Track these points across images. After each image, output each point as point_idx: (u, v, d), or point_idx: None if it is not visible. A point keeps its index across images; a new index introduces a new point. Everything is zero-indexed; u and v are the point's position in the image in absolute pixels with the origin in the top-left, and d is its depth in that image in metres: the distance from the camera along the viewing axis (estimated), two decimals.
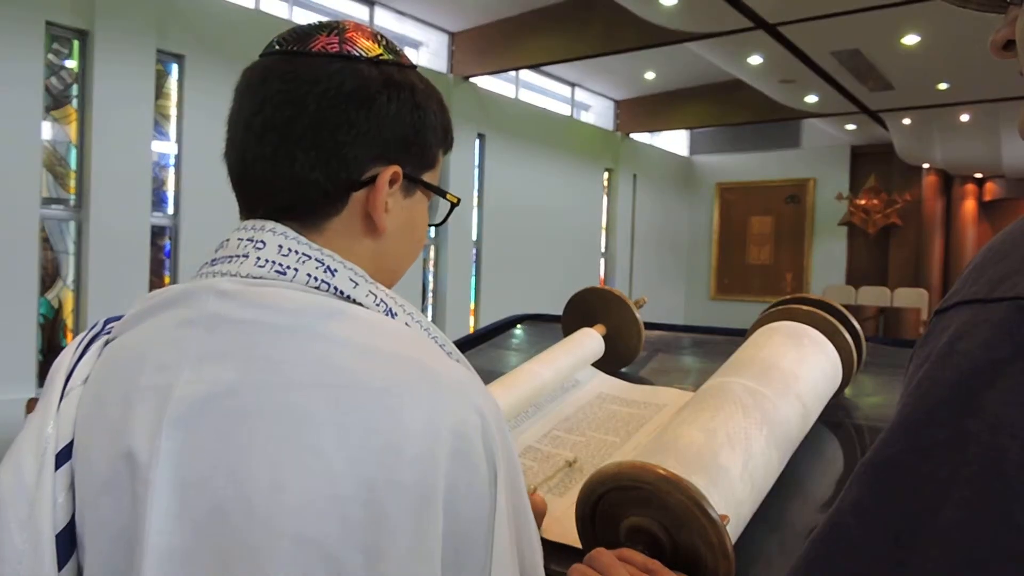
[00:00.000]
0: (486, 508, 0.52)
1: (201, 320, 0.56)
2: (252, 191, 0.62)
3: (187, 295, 0.58)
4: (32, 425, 0.58)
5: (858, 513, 0.37)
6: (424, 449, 0.50)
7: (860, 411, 1.12)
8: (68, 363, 0.61)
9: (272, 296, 0.56)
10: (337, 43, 0.61)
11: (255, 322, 0.54)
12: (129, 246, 5.23)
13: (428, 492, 0.50)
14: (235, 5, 5.88)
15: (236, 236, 0.60)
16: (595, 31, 6.90)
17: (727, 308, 11.70)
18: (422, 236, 0.70)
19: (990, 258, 0.39)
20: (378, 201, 0.61)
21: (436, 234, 7.89)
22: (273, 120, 0.59)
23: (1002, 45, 0.50)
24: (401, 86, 0.62)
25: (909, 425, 0.37)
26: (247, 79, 0.62)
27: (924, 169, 10.95)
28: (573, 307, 1.30)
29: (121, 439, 0.55)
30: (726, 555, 0.65)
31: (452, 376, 0.54)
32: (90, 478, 0.56)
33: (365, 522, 0.49)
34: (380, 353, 0.53)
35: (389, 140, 0.61)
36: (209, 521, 0.51)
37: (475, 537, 0.52)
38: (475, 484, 0.52)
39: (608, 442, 1.00)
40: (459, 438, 0.51)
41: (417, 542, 0.50)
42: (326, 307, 0.56)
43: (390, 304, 0.60)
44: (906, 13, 5.58)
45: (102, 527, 0.55)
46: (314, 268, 0.58)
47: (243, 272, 0.57)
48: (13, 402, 4.15)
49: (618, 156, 10.42)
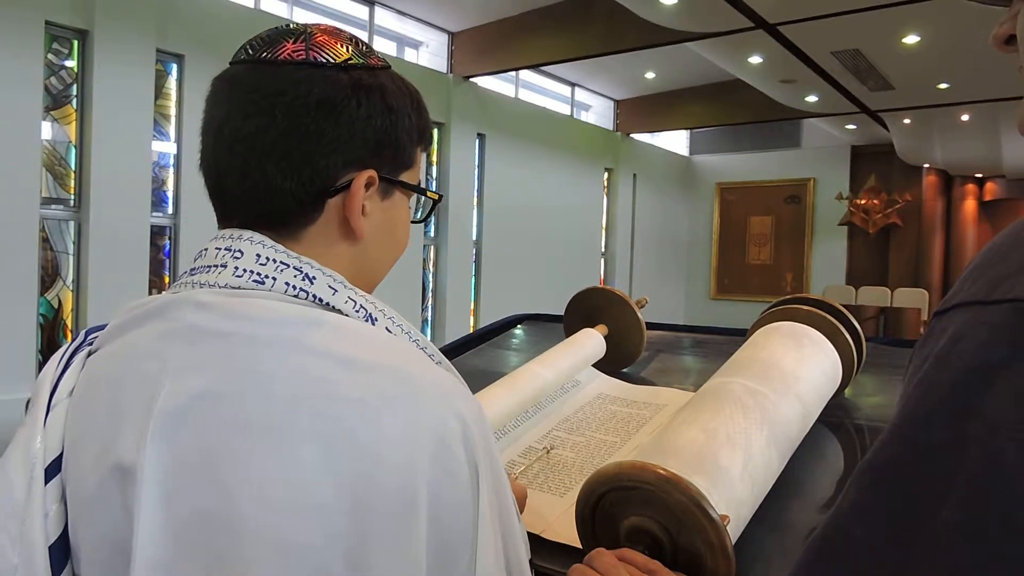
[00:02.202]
0: (469, 512, 0.52)
1: (181, 332, 0.56)
2: (227, 201, 0.62)
3: (167, 307, 0.58)
4: (19, 440, 0.58)
5: (857, 515, 0.37)
6: (405, 457, 0.50)
7: (860, 411, 1.12)
8: (52, 376, 0.61)
9: (250, 307, 0.55)
10: (304, 50, 0.60)
11: (234, 334, 0.54)
12: (129, 246, 5.23)
13: (411, 499, 0.50)
14: (235, 5, 5.88)
15: (214, 245, 0.60)
16: (595, 31, 6.90)
17: (727, 308, 11.70)
18: (404, 236, 0.69)
19: (989, 259, 0.39)
20: (354, 206, 0.61)
21: (436, 234, 7.89)
22: (242, 131, 0.59)
23: (1004, 40, 0.50)
24: (371, 89, 0.61)
25: (908, 427, 0.37)
26: (215, 88, 0.62)
27: (924, 169, 10.95)
28: (575, 307, 1.30)
29: (109, 452, 0.55)
30: (726, 555, 0.65)
31: (432, 381, 0.54)
32: (81, 491, 0.56)
33: (348, 530, 0.49)
34: (359, 362, 0.53)
35: (361, 145, 0.61)
36: (193, 532, 0.51)
37: (459, 541, 0.52)
38: (458, 489, 0.52)
39: (608, 442, 1.00)
40: (440, 444, 0.51)
41: (401, 549, 0.49)
42: (305, 317, 0.55)
43: (370, 310, 0.59)
44: (906, 13, 5.58)
45: (96, 538, 0.55)
46: (292, 276, 0.57)
47: (221, 282, 0.57)
48: (13, 402, 4.16)
49: (618, 156, 10.42)
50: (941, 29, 6.04)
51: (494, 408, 0.96)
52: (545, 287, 8.58)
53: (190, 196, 5.58)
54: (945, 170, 11.08)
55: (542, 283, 8.73)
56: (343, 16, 7.04)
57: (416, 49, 7.91)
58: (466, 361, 1.42)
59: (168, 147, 5.62)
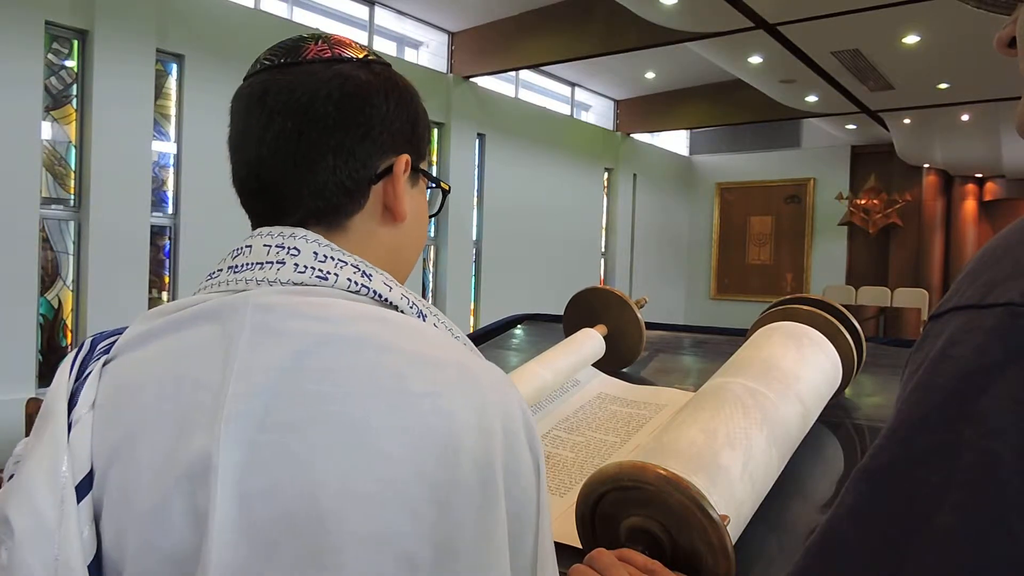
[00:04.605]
0: (534, 496, 0.55)
1: (243, 334, 0.55)
2: (273, 204, 0.63)
3: (222, 309, 0.57)
4: (39, 459, 0.56)
5: (853, 519, 0.37)
6: (481, 445, 0.52)
7: (860, 411, 1.12)
8: (66, 389, 0.59)
9: (317, 307, 0.56)
10: (328, 48, 0.64)
11: (304, 332, 0.54)
12: (129, 246, 5.22)
13: (492, 486, 0.52)
14: (235, 5, 5.88)
15: (261, 243, 0.60)
16: (595, 31, 6.90)
17: (727, 308, 11.70)
18: (426, 226, 0.72)
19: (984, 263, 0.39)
20: (399, 189, 0.64)
21: (436, 234, 7.89)
22: (285, 132, 0.61)
23: (1007, 43, 0.51)
24: (392, 82, 0.65)
25: (904, 431, 0.37)
26: (246, 99, 0.63)
27: (924, 169, 10.95)
28: (574, 307, 1.30)
29: (174, 459, 0.53)
30: (726, 555, 0.65)
31: (490, 375, 0.56)
32: (132, 503, 0.54)
33: (434, 519, 0.50)
34: (426, 357, 0.55)
35: (396, 132, 0.64)
36: (277, 531, 0.50)
37: (527, 525, 0.54)
38: (525, 474, 0.54)
39: (608, 442, 1.00)
40: (507, 432, 0.53)
41: (487, 536, 0.51)
42: (371, 314, 0.57)
43: (420, 307, 0.62)
44: (906, 13, 5.58)
45: (150, 552, 0.54)
46: (352, 272, 0.59)
47: (283, 278, 0.58)
48: (13, 402, 4.16)
49: (618, 156, 10.42)
50: (941, 29, 6.04)
51: None
52: (545, 287, 8.58)
53: (190, 196, 5.58)
54: (945, 170, 11.08)
55: (542, 283, 8.73)
56: (343, 16, 7.04)
57: (416, 49, 7.90)
58: None
59: (168, 147, 5.62)
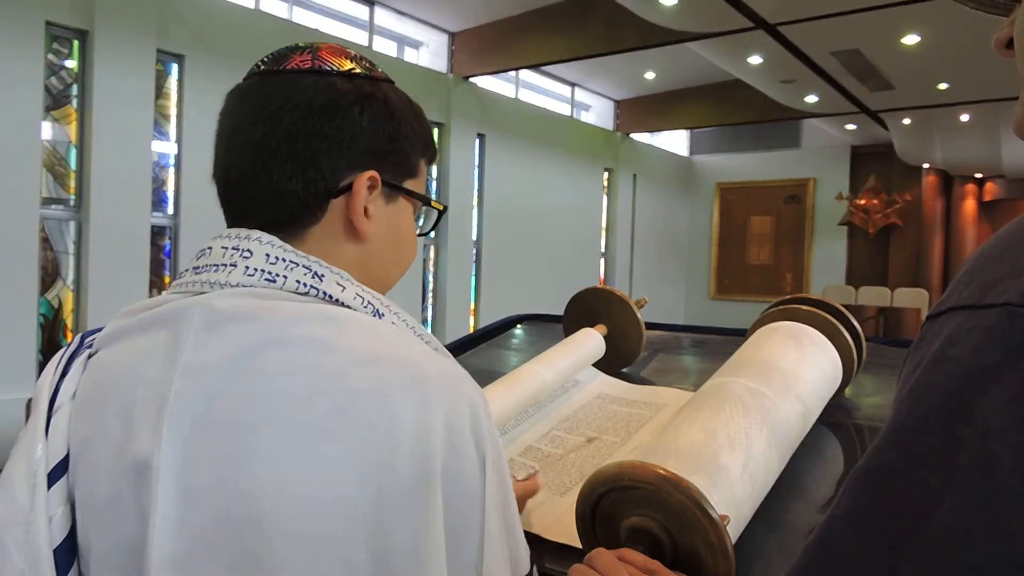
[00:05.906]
0: (478, 493, 0.54)
1: (189, 335, 0.57)
2: (238, 207, 0.64)
3: (178, 312, 0.59)
4: (22, 447, 0.59)
5: (851, 520, 0.37)
6: (421, 443, 0.52)
7: (860, 411, 1.12)
8: (51, 381, 0.62)
9: (262, 309, 0.57)
10: (310, 59, 0.64)
11: (246, 334, 0.56)
12: (129, 246, 5.22)
13: (427, 483, 0.52)
14: (235, 5, 5.88)
15: (219, 244, 0.62)
16: (595, 31, 6.90)
17: (727, 308, 11.70)
18: (411, 244, 0.71)
19: (981, 263, 0.39)
20: (357, 205, 0.63)
21: (436, 234, 7.89)
22: (250, 136, 0.62)
23: (1004, 44, 0.51)
24: (373, 96, 0.64)
25: (902, 432, 0.37)
26: (228, 101, 0.65)
27: (924, 169, 10.94)
28: (574, 307, 1.30)
29: (123, 453, 0.56)
30: (726, 555, 0.65)
31: (439, 370, 0.56)
32: (93, 493, 0.57)
33: (370, 518, 0.51)
34: (370, 355, 0.55)
35: (364, 149, 0.63)
36: (216, 528, 0.52)
37: (469, 524, 0.54)
38: (468, 471, 0.54)
39: (608, 442, 1.00)
40: (450, 430, 0.53)
41: (420, 532, 0.51)
42: (317, 314, 0.57)
43: (376, 305, 0.62)
44: (906, 13, 5.58)
45: (109, 540, 0.56)
46: (302, 274, 0.59)
47: (232, 281, 0.59)
48: (13, 402, 4.15)
49: (618, 156, 10.41)
50: (941, 29, 6.04)
51: (494, 408, 0.96)
52: (545, 287, 8.58)
53: (190, 196, 5.58)
54: (945, 170, 11.07)
55: (542, 283, 8.72)
56: (343, 16, 7.04)
57: (416, 49, 7.90)
58: (466, 361, 1.43)
59: (168, 147, 5.62)
